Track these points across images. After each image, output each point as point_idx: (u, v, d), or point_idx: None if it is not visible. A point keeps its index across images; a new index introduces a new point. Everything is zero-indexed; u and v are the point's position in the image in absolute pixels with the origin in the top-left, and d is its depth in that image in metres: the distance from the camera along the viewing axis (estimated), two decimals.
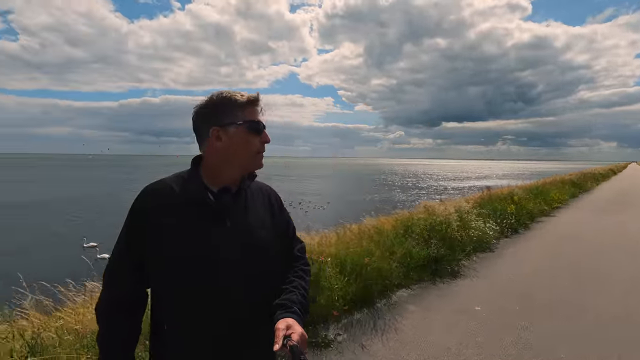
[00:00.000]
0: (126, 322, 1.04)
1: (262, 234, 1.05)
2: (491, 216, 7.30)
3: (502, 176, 58.81)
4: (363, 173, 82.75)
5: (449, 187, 38.78)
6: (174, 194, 1.00)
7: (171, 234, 0.96)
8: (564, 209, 10.77)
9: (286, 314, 0.95)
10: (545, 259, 5.26)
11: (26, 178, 49.85)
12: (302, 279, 1.11)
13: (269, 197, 1.16)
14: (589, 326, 3.17)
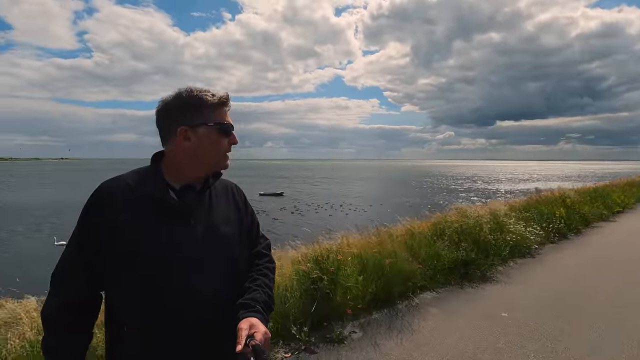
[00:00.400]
0: (77, 327, 0.99)
1: (227, 231, 1.04)
2: (536, 220, 6.86)
3: (564, 178, 54.05)
4: (409, 175, 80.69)
5: (499, 190, 36.54)
6: (132, 190, 0.97)
7: (128, 231, 0.93)
8: (628, 214, 9.75)
9: (249, 313, 0.94)
10: (592, 269, 4.85)
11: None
12: (267, 277, 1.09)
13: (232, 194, 1.14)
14: (623, 349, 2.92)
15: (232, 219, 1.08)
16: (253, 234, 1.16)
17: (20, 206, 28.47)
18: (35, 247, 15.32)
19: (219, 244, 1.01)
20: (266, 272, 1.11)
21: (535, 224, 6.67)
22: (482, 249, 4.92)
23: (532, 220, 6.79)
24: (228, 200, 1.11)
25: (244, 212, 1.14)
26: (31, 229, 19.49)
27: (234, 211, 1.10)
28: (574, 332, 3.06)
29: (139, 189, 0.97)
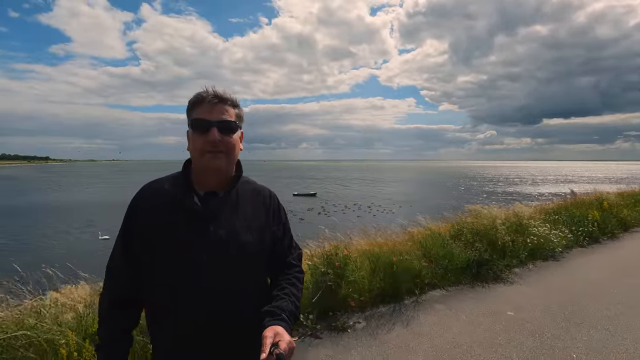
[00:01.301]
0: (123, 317, 1.07)
1: (248, 238, 1.03)
2: (566, 223, 6.65)
3: (616, 180, 49.92)
4: (445, 177, 78.34)
5: (539, 192, 34.61)
6: (163, 194, 1.03)
7: (157, 233, 1.00)
8: None
9: (274, 321, 0.94)
10: (617, 275, 4.68)
11: None
12: (294, 287, 1.09)
13: (264, 201, 1.13)
14: (623, 353, 2.91)
15: (256, 226, 1.07)
16: (283, 243, 1.15)
17: (75, 204, 31.29)
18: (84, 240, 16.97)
19: (237, 250, 1.01)
20: (294, 281, 1.10)
21: (564, 227, 6.48)
22: (499, 250, 4.93)
23: (560, 224, 6.60)
24: (256, 208, 1.10)
25: (274, 220, 1.13)
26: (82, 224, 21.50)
27: (261, 219, 1.09)
28: (577, 334, 3.09)
29: (169, 193, 1.03)
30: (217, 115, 0.99)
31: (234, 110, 1.04)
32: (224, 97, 1.01)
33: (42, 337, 2.28)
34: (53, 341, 2.30)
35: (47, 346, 2.27)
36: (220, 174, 1.04)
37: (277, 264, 1.14)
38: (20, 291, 2.90)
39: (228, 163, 1.03)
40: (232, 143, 1.02)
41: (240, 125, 1.06)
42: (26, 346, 2.24)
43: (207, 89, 1.00)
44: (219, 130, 0.98)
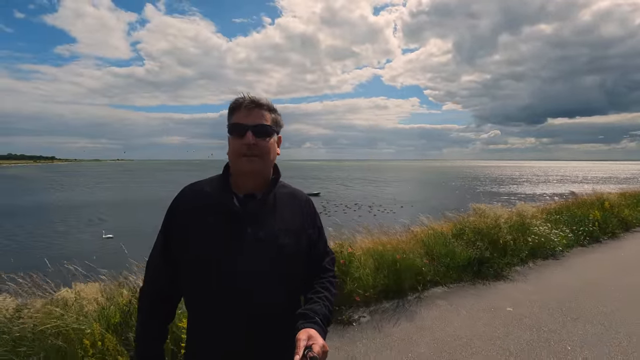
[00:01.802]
0: (160, 308, 1.12)
1: (284, 241, 1.04)
2: (567, 223, 6.76)
3: (622, 180, 49.61)
4: (447, 177, 78.18)
5: (543, 192, 34.56)
6: (202, 196, 1.06)
7: (194, 234, 1.02)
8: None
9: (308, 324, 0.94)
10: (615, 273, 4.79)
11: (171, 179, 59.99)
12: (328, 291, 1.09)
13: (300, 205, 1.14)
14: (616, 346, 3.04)
15: (293, 230, 1.08)
16: (318, 247, 1.17)
17: (80, 203, 31.66)
18: (87, 239, 17.27)
19: (274, 252, 1.02)
20: (328, 285, 1.12)
21: (565, 226, 6.59)
22: (500, 249, 5.06)
23: (562, 223, 6.71)
24: (293, 212, 1.12)
25: (310, 225, 1.14)
26: (85, 223, 21.86)
27: (298, 222, 1.11)
28: (573, 328, 3.22)
29: (209, 195, 1.06)
30: (253, 120, 1.03)
31: (271, 115, 1.06)
32: (260, 102, 1.04)
33: (70, 326, 2.45)
34: (80, 331, 2.47)
35: (74, 335, 2.44)
36: (256, 177, 1.06)
37: (312, 267, 1.14)
38: (45, 285, 3.08)
39: (263, 166, 1.05)
40: (267, 147, 1.04)
41: (277, 130, 1.09)
42: (55, 335, 2.41)
43: (244, 95, 1.04)
44: (254, 134, 1.01)
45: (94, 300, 2.81)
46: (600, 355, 2.77)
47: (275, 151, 1.09)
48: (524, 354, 2.81)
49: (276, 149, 1.10)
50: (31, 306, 2.64)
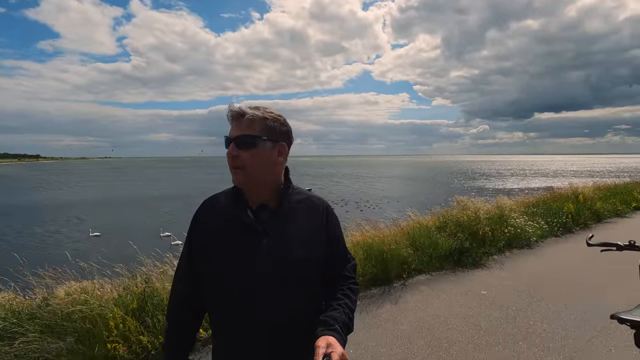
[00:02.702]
0: (185, 317, 1.14)
1: (298, 250, 1.05)
2: (543, 215, 7.25)
3: (604, 174, 51.19)
4: (436, 172, 79.34)
5: (527, 187, 35.63)
6: (221, 209, 1.10)
7: (212, 246, 1.06)
8: None
9: (328, 331, 0.94)
10: (582, 259, 5.26)
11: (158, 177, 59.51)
12: (349, 298, 1.09)
13: (317, 212, 1.13)
14: (570, 321, 3.49)
15: (308, 238, 1.08)
16: (336, 254, 1.15)
17: (64, 202, 31.47)
18: (74, 238, 17.43)
19: (289, 262, 1.03)
20: (348, 293, 1.11)
21: (541, 218, 7.08)
22: (479, 240, 5.50)
23: (538, 215, 7.21)
24: (309, 220, 1.11)
25: (326, 231, 1.13)
26: (72, 222, 21.92)
27: (313, 230, 1.10)
28: (537, 307, 3.66)
29: (225, 207, 1.09)
30: (235, 131, 1.02)
31: (262, 124, 1.02)
32: (243, 112, 1.01)
33: (95, 311, 2.78)
34: (102, 315, 2.80)
35: (99, 319, 2.76)
36: (251, 189, 1.06)
37: (331, 274, 1.14)
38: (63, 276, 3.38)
39: (247, 178, 1.03)
40: (250, 158, 1.01)
41: (271, 138, 1.03)
42: (82, 319, 2.73)
43: (229, 106, 1.03)
44: (237, 145, 1.01)
45: (111, 290, 3.14)
46: (556, 327, 3.21)
47: (268, 161, 1.04)
48: (492, 328, 3.23)
49: (271, 159, 1.05)
50: (56, 296, 2.95)
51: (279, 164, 1.08)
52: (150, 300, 3.05)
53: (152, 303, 3.03)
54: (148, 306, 3.02)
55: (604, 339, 3.00)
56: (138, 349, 2.75)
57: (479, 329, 3.23)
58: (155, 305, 3.03)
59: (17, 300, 2.83)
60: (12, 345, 2.40)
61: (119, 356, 2.65)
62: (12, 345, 2.40)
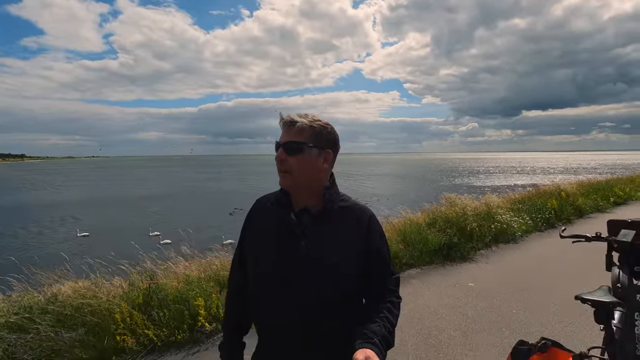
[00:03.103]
0: (238, 306, 1.23)
1: (333, 256, 1.06)
2: (528, 211, 7.56)
3: (589, 170, 52.52)
4: (427, 169, 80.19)
5: (514, 184, 36.45)
6: (269, 210, 1.16)
7: (258, 245, 1.14)
8: (629, 206, 10.13)
9: (366, 344, 0.93)
10: (562, 253, 5.56)
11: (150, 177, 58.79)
12: (390, 312, 1.07)
13: (358, 221, 1.13)
14: (549, 308, 3.75)
15: (345, 246, 1.09)
16: (376, 265, 1.13)
17: (50, 202, 31.06)
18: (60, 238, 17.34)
19: (322, 267, 1.05)
20: (390, 307, 1.09)
21: (526, 214, 7.39)
22: (467, 235, 5.75)
23: (523, 212, 7.51)
24: (349, 227, 1.12)
25: (367, 243, 1.12)
26: (58, 222, 21.76)
27: (352, 239, 1.11)
28: (520, 296, 3.91)
29: (272, 208, 1.16)
30: (284, 137, 1.09)
31: (310, 131, 1.08)
32: (293, 120, 1.08)
33: (103, 306, 2.91)
34: (110, 309, 2.93)
35: (107, 313, 2.90)
36: (297, 192, 1.12)
37: (370, 286, 1.13)
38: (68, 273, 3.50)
39: (293, 182, 1.08)
40: (297, 163, 1.06)
41: (317, 145, 1.08)
42: (91, 313, 2.86)
43: (281, 115, 1.11)
44: (285, 151, 1.07)
45: (119, 286, 3.27)
46: (537, 315, 3.46)
47: (314, 166, 1.09)
48: (479, 317, 3.46)
49: (317, 165, 1.09)
50: (63, 292, 3.07)
51: (323, 170, 1.12)
52: (156, 296, 3.20)
53: (157, 298, 3.18)
54: (154, 301, 3.16)
55: (579, 324, 3.25)
56: (145, 341, 2.90)
57: (466, 317, 3.45)
58: (160, 300, 3.17)
59: (29, 297, 2.94)
60: (27, 338, 2.52)
61: (127, 348, 2.80)
62: (27, 339, 2.52)
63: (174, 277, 3.63)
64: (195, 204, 29.61)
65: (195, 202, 30.40)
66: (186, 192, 39.48)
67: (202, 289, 3.35)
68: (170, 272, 3.82)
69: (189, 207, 27.87)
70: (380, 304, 1.09)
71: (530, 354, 1.53)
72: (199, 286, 3.40)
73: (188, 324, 3.10)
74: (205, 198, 33.24)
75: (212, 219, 21.73)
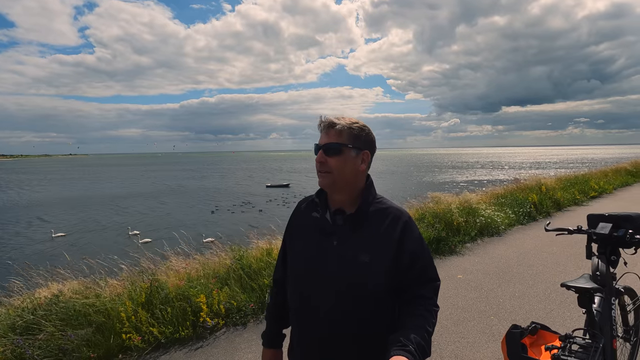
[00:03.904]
0: (278, 299, 1.30)
1: (364, 258, 1.07)
2: (511, 205, 7.88)
3: (566, 164, 54.48)
4: (410, 165, 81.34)
5: (496, 179, 37.49)
6: (309, 210, 1.21)
7: (297, 239, 1.21)
8: (604, 199, 10.64)
9: (400, 351, 0.92)
10: (544, 244, 5.87)
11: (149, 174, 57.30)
12: (426, 320, 1.05)
13: (393, 223, 1.12)
14: (535, 297, 4.00)
15: (377, 248, 1.09)
16: (411, 271, 1.11)
17: (25, 203, 30.12)
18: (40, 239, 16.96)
19: (353, 269, 1.07)
20: (426, 314, 1.06)
21: (508, 208, 7.70)
22: (454, 229, 5.99)
23: (506, 206, 7.83)
24: (383, 230, 1.11)
25: (402, 246, 1.10)
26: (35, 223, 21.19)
27: (385, 242, 1.10)
28: (506, 287, 4.14)
29: (309, 208, 1.22)
30: (324, 139, 1.12)
31: (347, 133, 1.11)
32: (332, 122, 1.12)
33: (108, 305, 2.95)
34: (115, 308, 2.98)
35: (112, 311, 2.94)
36: (335, 192, 1.14)
37: (405, 292, 1.12)
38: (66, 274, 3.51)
39: (334, 181, 1.11)
40: (337, 163, 1.09)
41: (355, 146, 1.11)
42: (96, 312, 2.90)
43: (321, 118, 1.15)
44: (325, 152, 1.10)
45: (119, 285, 3.31)
46: (522, 303, 3.69)
47: (352, 167, 1.12)
48: (468, 306, 3.66)
49: (355, 165, 1.12)
50: (64, 293, 3.10)
51: (361, 170, 1.14)
52: (158, 294, 3.25)
53: (159, 296, 3.23)
54: (156, 299, 3.22)
55: (561, 310, 3.49)
56: (151, 339, 2.96)
57: (456, 307, 3.65)
58: (162, 297, 3.23)
59: (30, 298, 2.95)
60: (34, 341, 2.55)
61: (133, 345, 2.86)
62: (34, 341, 2.55)
63: (175, 275, 3.68)
64: (177, 202, 29.26)
65: (177, 201, 30.05)
66: (168, 190, 38.93)
67: (203, 286, 3.43)
68: (172, 270, 3.87)
69: (171, 205, 27.54)
70: (417, 311, 1.07)
71: (522, 336, 1.70)
72: (200, 283, 3.47)
73: (191, 320, 3.17)
74: (187, 196, 32.78)
75: (194, 218, 21.58)
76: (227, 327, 3.33)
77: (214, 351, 2.98)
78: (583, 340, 1.65)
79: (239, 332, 3.27)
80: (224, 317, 3.34)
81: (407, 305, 1.11)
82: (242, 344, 3.07)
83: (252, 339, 3.13)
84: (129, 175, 69.43)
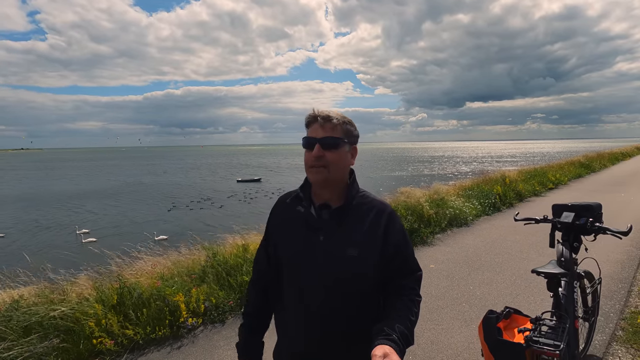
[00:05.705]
0: (257, 295, 1.27)
1: (351, 253, 1.08)
2: (477, 197, 8.25)
3: (523, 157, 57.73)
4: (380, 158, 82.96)
5: (463, 171, 39.11)
6: (290, 205, 1.20)
7: (280, 239, 1.19)
8: (560, 190, 11.39)
9: (385, 340, 0.93)
10: (508, 233, 6.21)
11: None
12: (409, 310, 1.07)
13: (377, 217, 1.13)
14: (502, 283, 4.24)
15: (363, 241, 1.10)
16: (395, 263, 1.13)
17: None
18: None
19: (340, 263, 1.08)
20: (409, 304, 1.09)
21: (475, 200, 8.06)
22: (425, 221, 6.19)
23: (473, 197, 8.19)
24: (367, 223, 1.12)
25: (385, 239, 1.11)
26: None
27: (370, 234, 1.11)
28: (475, 275, 4.35)
29: (294, 203, 1.20)
30: (321, 133, 1.09)
31: (342, 128, 1.11)
32: (329, 116, 1.09)
33: (75, 309, 2.80)
34: (84, 312, 2.83)
35: (80, 315, 2.79)
36: (326, 187, 1.12)
37: (389, 284, 1.14)
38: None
39: (329, 176, 1.09)
40: (334, 158, 1.08)
41: (349, 141, 1.12)
42: (65, 317, 2.74)
43: (314, 110, 1.12)
44: (322, 146, 1.08)
45: (89, 287, 3.14)
46: (491, 289, 3.89)
47: (346, 162, 1.13)
48: (441, 294, 3.82)
49: (347, 160, 1.14)
50: (26, 297, 2.90)
51: (350, 165, 1.16)
52: (130, 295, 3.11)
53: (132, 297, 3.10)
54: (128, 301, 3.08)
55: (527, 295, 3.72)
56: (124, 341, 2.84)
57: (430, 296, 3.79)
58: (136, 298, 3.10)
59: None
60: None
61: (105, 350, 2.73)
62: None
63: (146, 275, 3.55)
64: (134, 199, 27.94)
65: (134, 198, 28.71)
66: (125, 186, 37.23)
67: (180, 285, 3.33)
68: (141, 270, 3.72)
69: (126, 203, 26.27)
70: (400, 302, 1.09)
71: (497, 321, 1.80)
72: (176, 282, 3.37)
73: (169, 320, 3.08)
74: (145, 193, 31.30)
75: (150, 215, 20.75)
76: (204, 325, 3.26)
77: (193, 350, 2.92)
78: (551, 322, 1.77)
79: (217, 330, 3.21)
80: (201, 315, 3.27)
81: (390, 296, 1.13)
82: (221, 341, 3.03)
83: (230, 336, 3.09)
84: (85, 171, 65.61)
